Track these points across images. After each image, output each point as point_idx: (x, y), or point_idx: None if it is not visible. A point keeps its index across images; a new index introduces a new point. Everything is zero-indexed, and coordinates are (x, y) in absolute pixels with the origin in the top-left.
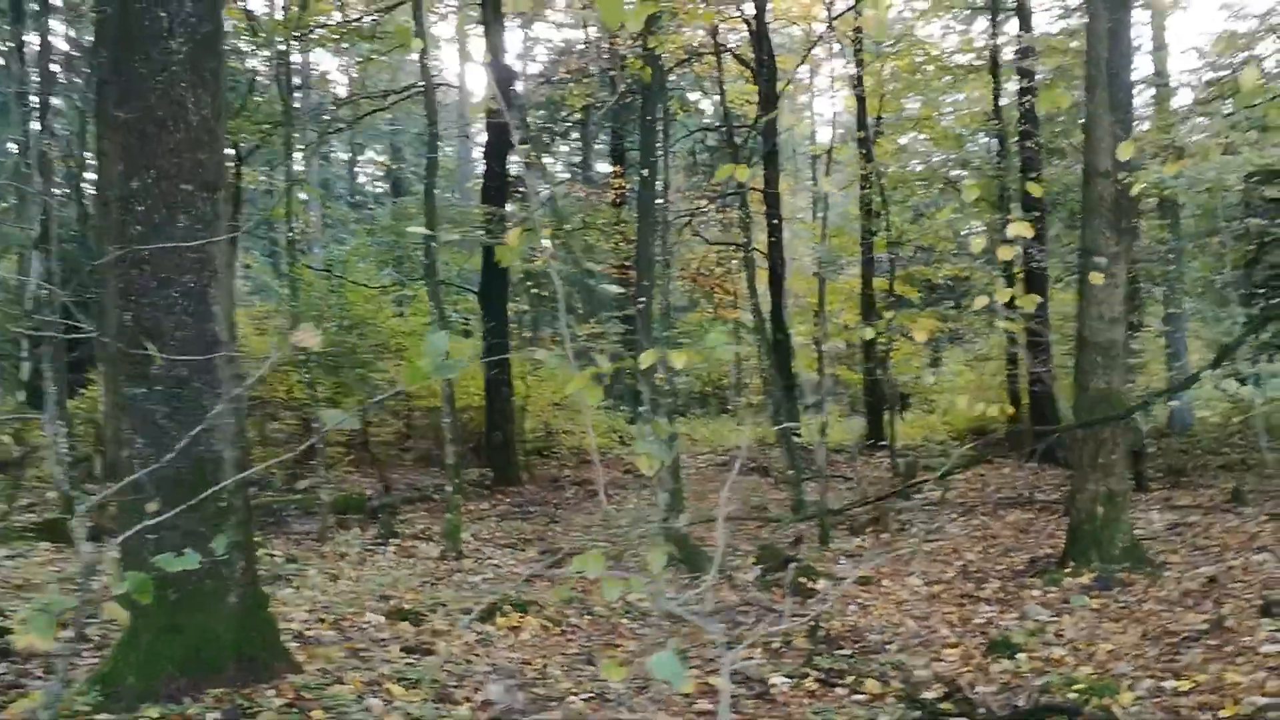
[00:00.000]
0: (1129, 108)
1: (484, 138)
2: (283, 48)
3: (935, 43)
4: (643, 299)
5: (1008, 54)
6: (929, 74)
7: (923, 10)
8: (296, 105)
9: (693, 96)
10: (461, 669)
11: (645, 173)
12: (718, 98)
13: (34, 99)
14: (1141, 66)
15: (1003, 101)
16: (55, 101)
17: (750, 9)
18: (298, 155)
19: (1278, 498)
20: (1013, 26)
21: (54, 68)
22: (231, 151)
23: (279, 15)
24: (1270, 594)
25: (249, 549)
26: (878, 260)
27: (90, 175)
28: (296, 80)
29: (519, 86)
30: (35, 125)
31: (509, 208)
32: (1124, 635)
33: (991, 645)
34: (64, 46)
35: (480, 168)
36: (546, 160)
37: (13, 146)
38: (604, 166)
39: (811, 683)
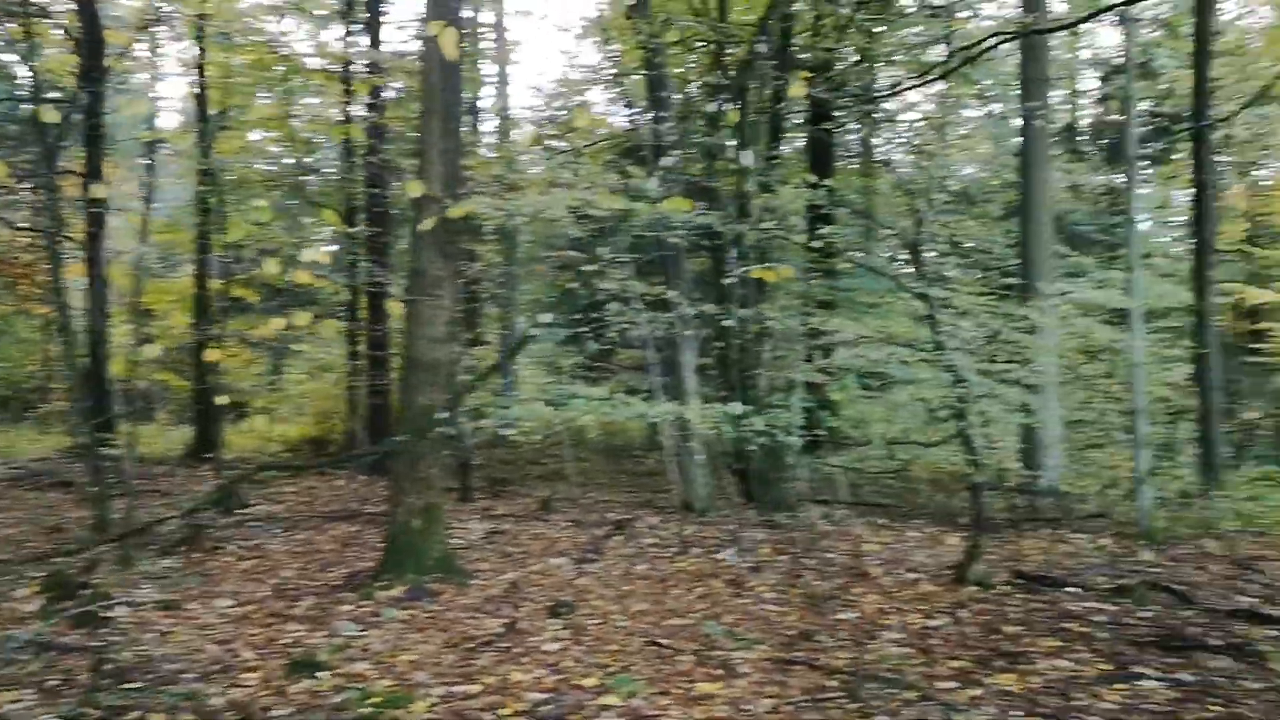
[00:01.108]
0: (459, 135)
1: None
2: None
3: (287, 41)
4: None
5: (359, 66)
6: (279, 73)
7: (274, 5)
8: None
9: (6, 58)
10: None
11: None
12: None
13: None
14: (490, 99)
15: (357, 111)
16: None
17: None
18: None
19: (580, 505)
20: (366, 39)
21: None
22: None
23: None
24: (559, 596)
25: None
26: (217, 260)
27: None
28: None
29: None
30: None
31: None
32: (427, 644)
33: (294, 665)
34: None
35: None
36: None
37: None
38: None
39: None
